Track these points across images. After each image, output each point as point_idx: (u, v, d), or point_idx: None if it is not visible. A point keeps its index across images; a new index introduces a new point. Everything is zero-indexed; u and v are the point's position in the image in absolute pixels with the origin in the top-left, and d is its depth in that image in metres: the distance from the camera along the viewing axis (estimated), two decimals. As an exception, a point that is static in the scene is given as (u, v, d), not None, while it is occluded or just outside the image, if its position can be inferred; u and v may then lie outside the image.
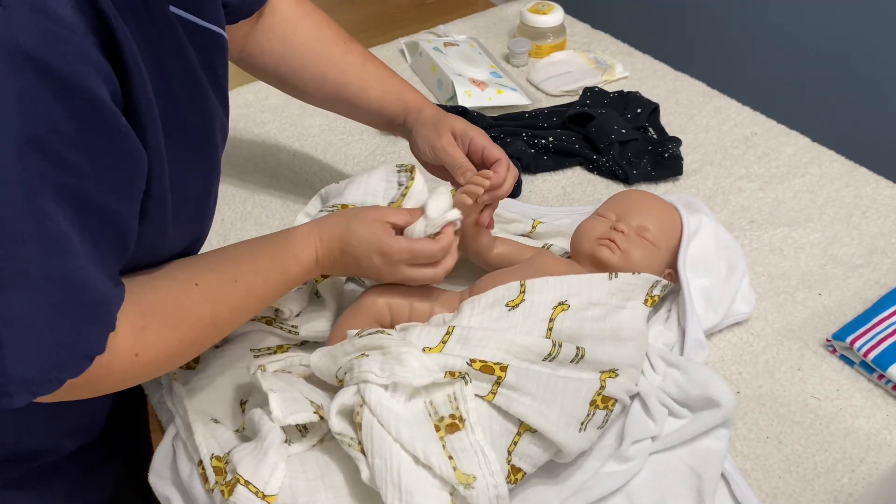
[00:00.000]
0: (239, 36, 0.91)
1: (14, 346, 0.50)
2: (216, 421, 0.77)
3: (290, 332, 0.85)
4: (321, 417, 0.71)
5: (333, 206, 0.91)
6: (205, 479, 0.71)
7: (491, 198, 0.84)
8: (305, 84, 0.95)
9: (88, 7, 0.49)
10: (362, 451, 0.67)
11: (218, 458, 0.71)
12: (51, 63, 0.46)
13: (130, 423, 0.99)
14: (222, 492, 0.67)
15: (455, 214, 0.80)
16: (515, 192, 1.10)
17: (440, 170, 0.91)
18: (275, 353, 0.85)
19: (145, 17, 0.57)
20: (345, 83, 0.94)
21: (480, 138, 0.87)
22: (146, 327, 0.62)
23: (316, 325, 0.85)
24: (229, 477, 0.69)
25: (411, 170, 0.90)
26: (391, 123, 0.96)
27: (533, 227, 0.98)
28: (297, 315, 0.85)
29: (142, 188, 0.57)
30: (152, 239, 0.64)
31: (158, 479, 0.76)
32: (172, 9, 0.62)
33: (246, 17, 0.89)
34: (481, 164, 0.87)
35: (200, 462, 0.72)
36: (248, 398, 0.80)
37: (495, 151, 0.86)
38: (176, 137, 0.61)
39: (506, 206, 1.04)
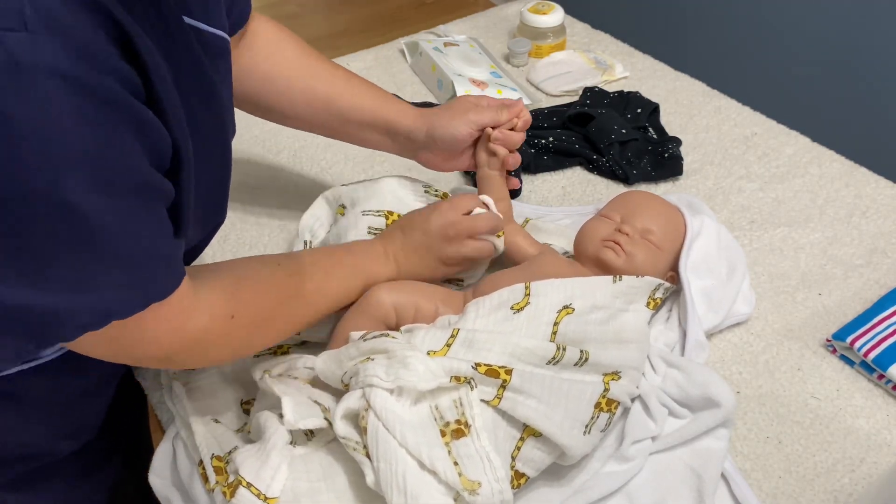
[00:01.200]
0: None
1: (72, 299, 0.54)
2: (216, 421, 0.77)
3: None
4: (330, 423, 0.71)
5: (366, 211, 0.91)
6: (205, 479, 0.71)
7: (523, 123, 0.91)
8: (294, 101, 0.93)
9: (107, 21, 0.51)
10: (367, 456, 0.67)
11: (218, 458, 0.71)
12: (81, 77, 0.48)
13: (130, 423, 0.99)
14: (224, 493, 0.67)
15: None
16: (515, 193, 1.10)
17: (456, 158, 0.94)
18: (275, 353, 0.85)
19: (160, 26, 0.59)
20: (336, 94, 0.92)
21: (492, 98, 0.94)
22: (239, 291, 0.68)
23: (317, 327, 0.85)
24: (231, 478, 0.69)
25: (444, 195, 0.90)
26: (389, 131, 0.94)
27: (524, 224, 0.98)
28: None
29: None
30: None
31: (158, 479, 0.76)
32: (185, 19, 0.64)
33: (241, 27, 0.88)
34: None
35: (201, 462, 0.72)
36: (249, 398, 0.80)
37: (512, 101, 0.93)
38: (194, 135, 0.63)
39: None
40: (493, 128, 0.90)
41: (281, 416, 0.70)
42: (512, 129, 0.90)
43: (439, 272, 0.85)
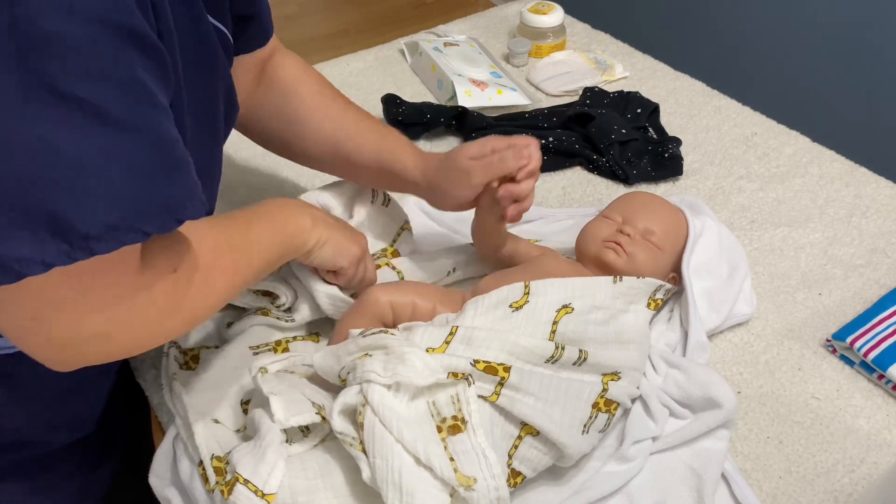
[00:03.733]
0: (243, 90, 0.89)
1: (94, 190, 0.49)
2: (216, 421, 0.77)
3: (287, 322, 0.85)
4: (323, 418, 0.71)
5: None
6: (205, 479, 0.71)
7: (527, 174, 0.81)
8: (304, 140, 0.93)
9: None
10: (364, 451, 0.67)
11: (218, 458, 0.71)
12: (120, 20, 0.49)
13: (129, 424, 0.99)
14: (222, 491, 0.67)
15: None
16: None
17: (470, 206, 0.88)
18: (274, 350, 0.85)
19: None
20: (344, 138, 0.92)
21: (498, 139, 0.84)
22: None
23: (308, 309, 0.85)
24: (229, 476, 0.69)
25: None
26: (394, 182, 0.91)
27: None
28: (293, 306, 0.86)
29: None
30: None
31: (159, 480, 0.76)
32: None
33: (256, 47, 0.89)
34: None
35: (201, 463, 0.72)
36: (250, 398, 0.80)
37: (520, 140, 0.83)
38: (187, 94, 0.62)
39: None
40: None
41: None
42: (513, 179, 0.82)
43: (348, 244, 0.82)
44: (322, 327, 0.89)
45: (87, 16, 0.47)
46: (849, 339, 0.86)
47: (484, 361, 0.70)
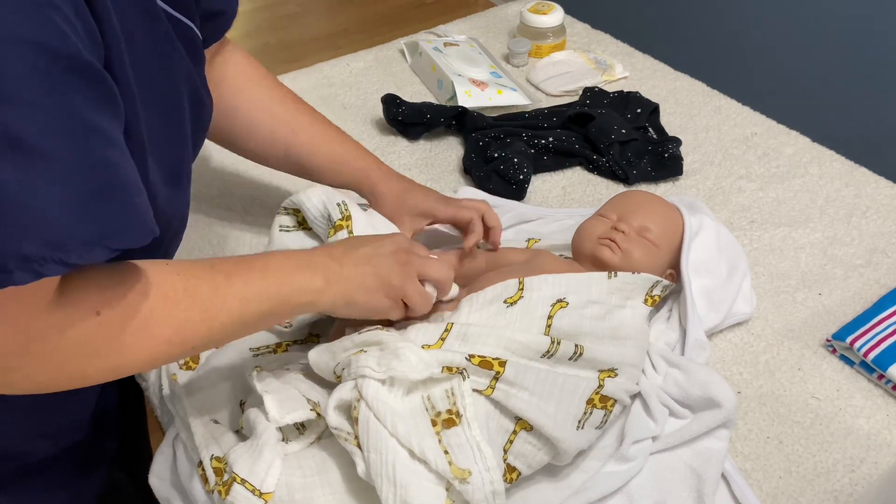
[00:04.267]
0: None
1: (9, 219, 0.46)
2: (216, 421, 0.77)
3: (285, 327, 0.85)
4: (318, 415, 0.71)
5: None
6: (205, 480, 0.71)
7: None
8: (256, 143, 0.93)
9: None
10: (358, 446, 0.67)
11: (218, 458, 0.71)
12: (44, 41, 0.46)
13: (125, 424, 0.98)
14: (219, 492, 0.68)
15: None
16: (519, 196, 1.10)
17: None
18: (274, 351, 0.85)
19: None
20: (296, 143, 0.92)
21: (445, 211, 0.91)
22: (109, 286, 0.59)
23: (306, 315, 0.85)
24: (226, 477, 0.69)
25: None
26: (348, 187, 0.94)
27: (528, 246, 0.98)
28: None
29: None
30: None
31: (159, 480, 0.76)
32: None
33: (219, 38, 0.87)
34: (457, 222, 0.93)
35: (200, 463, 0.72)
36: (248, 398, 0.80)
37: (465, 213, 0.90)
38: (144, 96, 0.60)
39: (507, 210, 1.03)
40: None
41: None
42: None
43: (375, 300, 0.73)
44: (322, 328, 0.89)
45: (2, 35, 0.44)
46: (849, 339, 0.86)
47: (479, 356, 0.71)
